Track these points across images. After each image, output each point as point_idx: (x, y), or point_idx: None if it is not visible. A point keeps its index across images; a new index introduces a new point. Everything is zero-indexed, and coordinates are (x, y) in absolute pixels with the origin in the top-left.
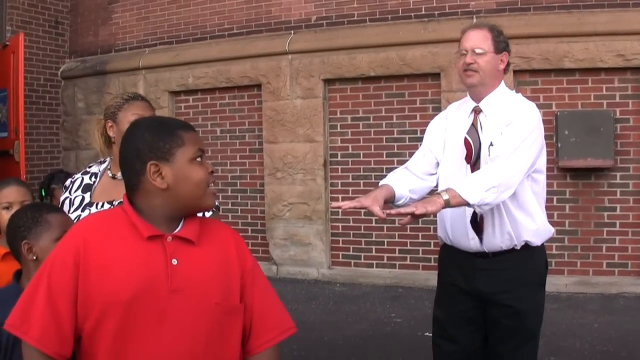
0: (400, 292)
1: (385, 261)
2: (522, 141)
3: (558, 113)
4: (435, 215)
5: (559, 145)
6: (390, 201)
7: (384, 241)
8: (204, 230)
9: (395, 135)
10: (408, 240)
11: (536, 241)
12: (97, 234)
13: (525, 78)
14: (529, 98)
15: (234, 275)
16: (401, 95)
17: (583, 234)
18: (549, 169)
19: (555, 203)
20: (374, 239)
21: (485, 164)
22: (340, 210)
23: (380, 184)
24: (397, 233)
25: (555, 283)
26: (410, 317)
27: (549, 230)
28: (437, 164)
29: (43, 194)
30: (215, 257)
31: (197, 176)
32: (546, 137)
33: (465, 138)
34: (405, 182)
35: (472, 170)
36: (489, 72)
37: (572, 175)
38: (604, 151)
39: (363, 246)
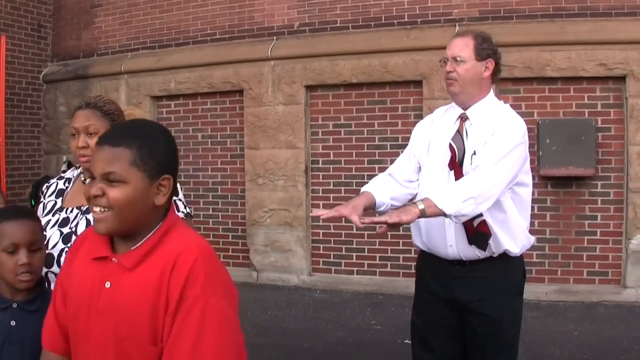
0: (380, 299)
1: (365, 268)
2: (505, 154)
3: (540, 121)
4: None
5: (541, 153)
6: (371, 208)
7: (364, 248)
8: (158, 253)
9: (376, 143)
10: (389, 248)
11: (515, 251)
12: (82, 247)
13: (507, 86)
14: (510, 106)
15: (156, 312)
16: (383, 102)
17: (564, 242)
18: None
19: (536, 211)
20: (354, 246)
21: (467, 172)
22: (320, 218)
23: (361, 191)
24: (377, 240)
25: (535, 291)
26: (390, 325)
27: (529, 241)
28: (420, 169)
29: (32, 203)
30: (143, 288)
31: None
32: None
33: (450, 144)
34: (387, 189)
35: (455, 177)
36: (469, 80)
37: (553, 184)
38: (585, 160)
39: (343, 253)
